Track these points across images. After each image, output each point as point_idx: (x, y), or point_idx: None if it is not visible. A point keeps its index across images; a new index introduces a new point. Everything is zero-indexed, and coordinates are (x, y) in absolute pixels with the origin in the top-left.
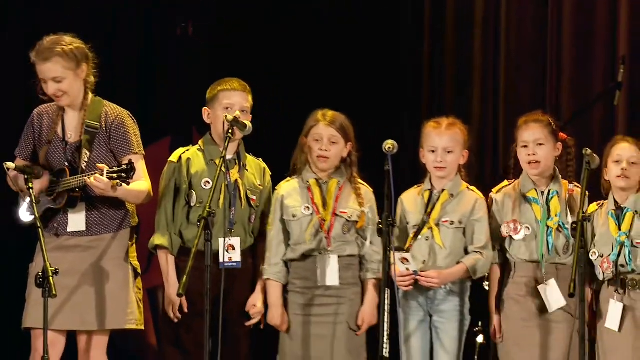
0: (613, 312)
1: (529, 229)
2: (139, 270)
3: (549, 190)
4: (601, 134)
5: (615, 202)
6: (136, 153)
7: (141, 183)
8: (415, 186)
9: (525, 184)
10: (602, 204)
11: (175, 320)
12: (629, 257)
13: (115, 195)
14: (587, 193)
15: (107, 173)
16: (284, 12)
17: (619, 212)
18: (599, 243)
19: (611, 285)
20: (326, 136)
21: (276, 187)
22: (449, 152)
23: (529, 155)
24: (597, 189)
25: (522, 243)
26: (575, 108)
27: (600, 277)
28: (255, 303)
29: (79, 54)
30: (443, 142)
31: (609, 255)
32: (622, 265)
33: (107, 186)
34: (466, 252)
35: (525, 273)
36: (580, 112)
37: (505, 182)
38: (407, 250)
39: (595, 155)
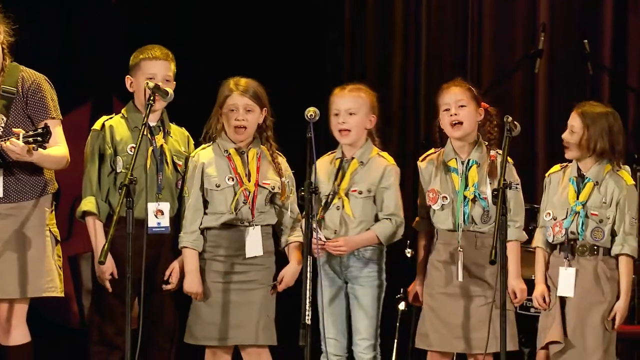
0: (565, 279)
1: (446, 198)
2: (59, 238)
3: (469, 160)
4: (522, 101)
5: (579, 169)
6: (53, 118)
7: (58, 148)
8: (328, 153)
9: (448, 152)
10: (566, 166)
11: (110, 289)
12: (582, 227)
13: (32, 160)
14: (509, 160)
15: (23, 137)
16: None
17: (580, 180)
18: (555, 205)
19: (562, 251)
20: (241, 105)
21: (192, 154)
22: (351, 114)
23: (451, 116)
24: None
25: (440, 212)
26: (496, 76)
27: (550, 239)
28: (174, 268)
29: None
30: (345, 104)
31: (563, 220)
32: (573, 233)
33: (22, 150)
34: (377, 219)
35: (446, 241)
36: (501, 79)
37: (432, 150)
38: (319, 220)
39: (516, 122)
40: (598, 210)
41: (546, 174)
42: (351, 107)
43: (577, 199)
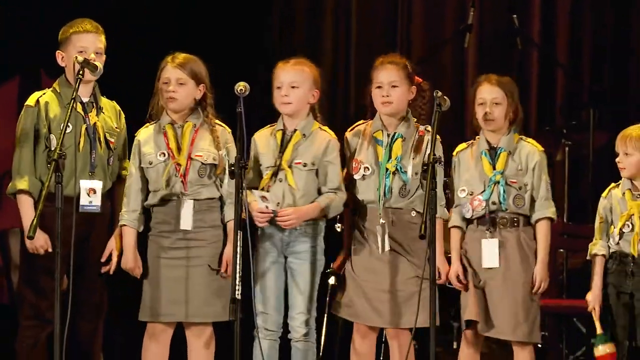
0: (488, 249)
1: (368, 169)
2: None
3: (395, 133)
4: (452, 76)
5: (488, 142)
6: None
7: None
8: (268, 126)
9: (376, 124)
10: (472, 142)
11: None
12: (503, 195)
13: None
14: (437, 137)
15: None
16: None
17: (493, 152)
18: (470, 181)
19: (480, 225)
20: (173, 78)
21: (136, 133)
22: (294, 87)
23: (382, 96)
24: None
25: (361, 182)
26: (426, 50)
27: (468, 215)
28: (112, 248)
29: None
30: (288, 77)
31: (481, 193)
32: (494, 203)
33: None
34: (319, 193)
35: (367, 215)
36: (431, 54)
37: (360, 122)
38: (267, 191)
39: (446, 97)
40: (515, 177)
41: (453, 153)
42: (294, 81)
43: (494, 169)
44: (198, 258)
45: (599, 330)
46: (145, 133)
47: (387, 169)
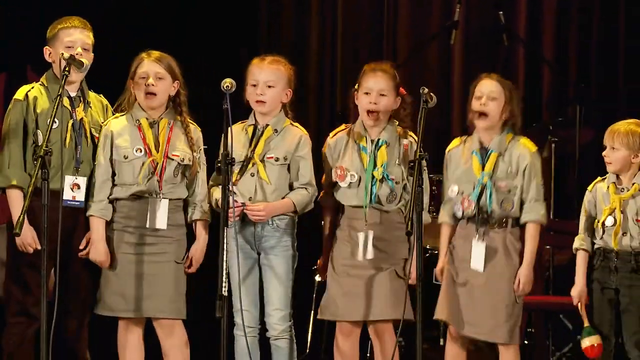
0: (476, 252)
1: (354, 176)
2: None
3: (378, 140)
4: (438, 72)
5: (480, 142)
6: None
7: None
8: (240, 122)
9: (359, 130)
10: (465, 139)
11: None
12: (490, 198)
13: None
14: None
15: None
16: None
17: (484, 152)
18: (461, 180)
19: (471, 222)
20: (152, 72)
21: (104, 122)
22: (269, 86)
23: (370, 103)
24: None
25: (347, 190)
26: (412, 47)
27: (459, 215)
28: (88, 239)
29: None
30: (264, 76)
31: (470, 194)
32: (482, 205)
33: None
34: (291, 188)
35: (351, 217)
36: (417, 50)
37: (342, 127)
38: (234, 184)
39: (432, 94)
40: (505, 180)
41: (446, 150)
42: (269, 80)
43: (483, 170)
44: (165, 254)
45: (586, 323)
46: (117, 124)
47: (373, 177)
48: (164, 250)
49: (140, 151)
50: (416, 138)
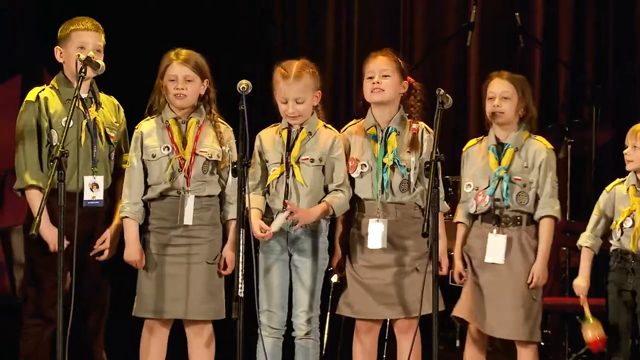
0: (494, 245)
1: (365, 166)
2: None
3: (388, 128)
4: (454, 74)
5: (497, 137)
6: None
7: None
8: (272, 125)
9: (368, 121)
10: (482, 139)
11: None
12: (506, 192)
13: None
14: (430, 131)
15: None
16: None
17: (500, 148)
18: (475, 176)
19: (485, 222)
20: (181, 75)
21: (136, 126)
22: (299, 102)
23: (373, 84)
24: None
25: (360, 180)
26: (428, 48)
27: (472, 210)
28: (107, 237)
29: None
30: (292, 94)
31: (486, 188)
32: (498, 200)
33: None
34: (325, 190)
35: (366, 212)
36: (433, 51)
37: (353, 121)
38: (275, 189)
39: (448, 95)
40: (520, 175)
41: (463, 149)
42: (299, 97)
43: (499, 164)
44: (197, 255)
45: (587, 314)
46: (147, 126)
47: (384, 164)
48: (195, 252)
49: (168, 149)
50: (427, 127)
